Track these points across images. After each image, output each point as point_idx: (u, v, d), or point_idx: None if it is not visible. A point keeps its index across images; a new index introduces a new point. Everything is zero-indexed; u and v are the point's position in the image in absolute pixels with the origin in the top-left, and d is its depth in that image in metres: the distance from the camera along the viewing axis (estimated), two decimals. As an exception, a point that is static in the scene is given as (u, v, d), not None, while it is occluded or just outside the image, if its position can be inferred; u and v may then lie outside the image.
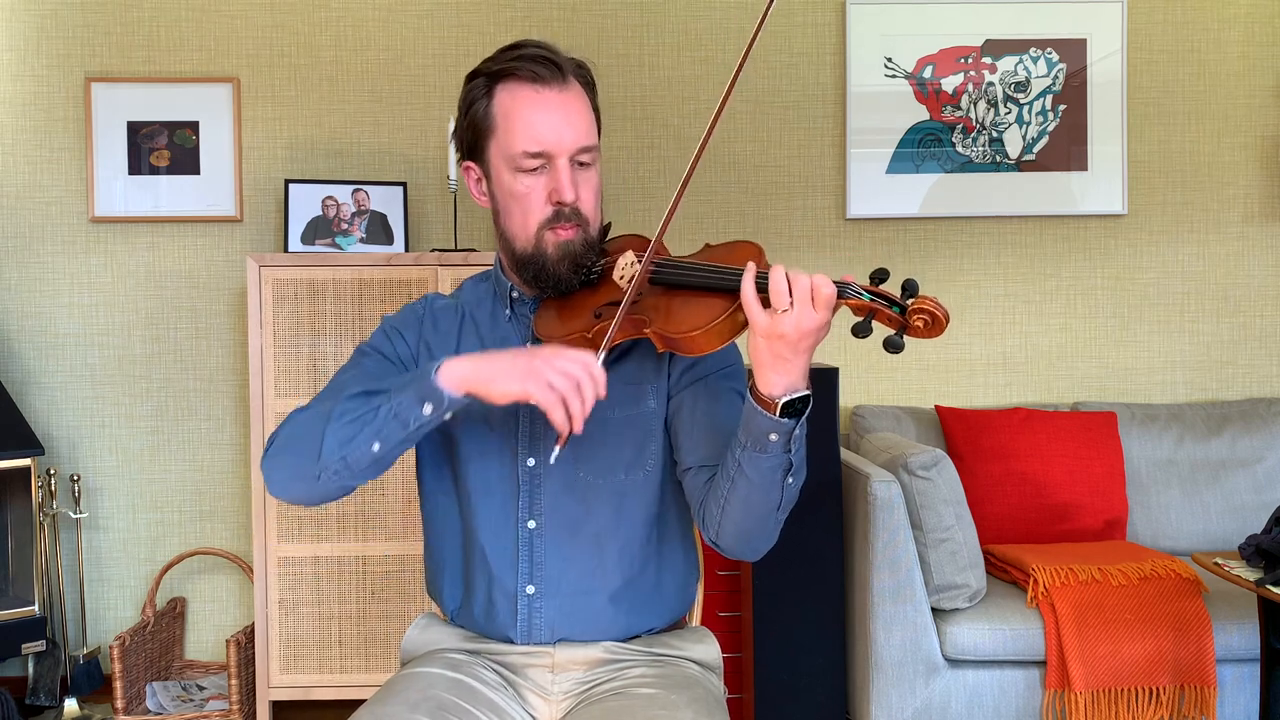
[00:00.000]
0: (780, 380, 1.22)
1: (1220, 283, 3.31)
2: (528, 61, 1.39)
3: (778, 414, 1.23)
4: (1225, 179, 3.30)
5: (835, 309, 1.21)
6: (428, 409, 1.28)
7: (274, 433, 1.40)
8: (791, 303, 1.19)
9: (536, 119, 1.38)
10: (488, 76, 1.42)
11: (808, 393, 1.25)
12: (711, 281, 1.30)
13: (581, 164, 1.41)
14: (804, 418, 1.25)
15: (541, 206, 1.40)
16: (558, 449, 1.27)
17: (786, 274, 1.20)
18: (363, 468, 1.32)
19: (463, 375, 1.28)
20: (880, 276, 1.22)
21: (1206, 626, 2.40)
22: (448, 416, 1.30)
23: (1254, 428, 3.07)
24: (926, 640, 2.47)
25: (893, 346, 1.19)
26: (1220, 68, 3.29)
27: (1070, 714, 2.39)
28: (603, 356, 1.28)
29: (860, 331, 1.21)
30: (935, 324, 1.19)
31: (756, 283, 1.23)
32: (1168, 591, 2.44)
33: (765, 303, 1.21)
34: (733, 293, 1.26)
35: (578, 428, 1.24)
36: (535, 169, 1.39)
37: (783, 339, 1.19)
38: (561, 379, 1.23)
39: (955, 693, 2.48)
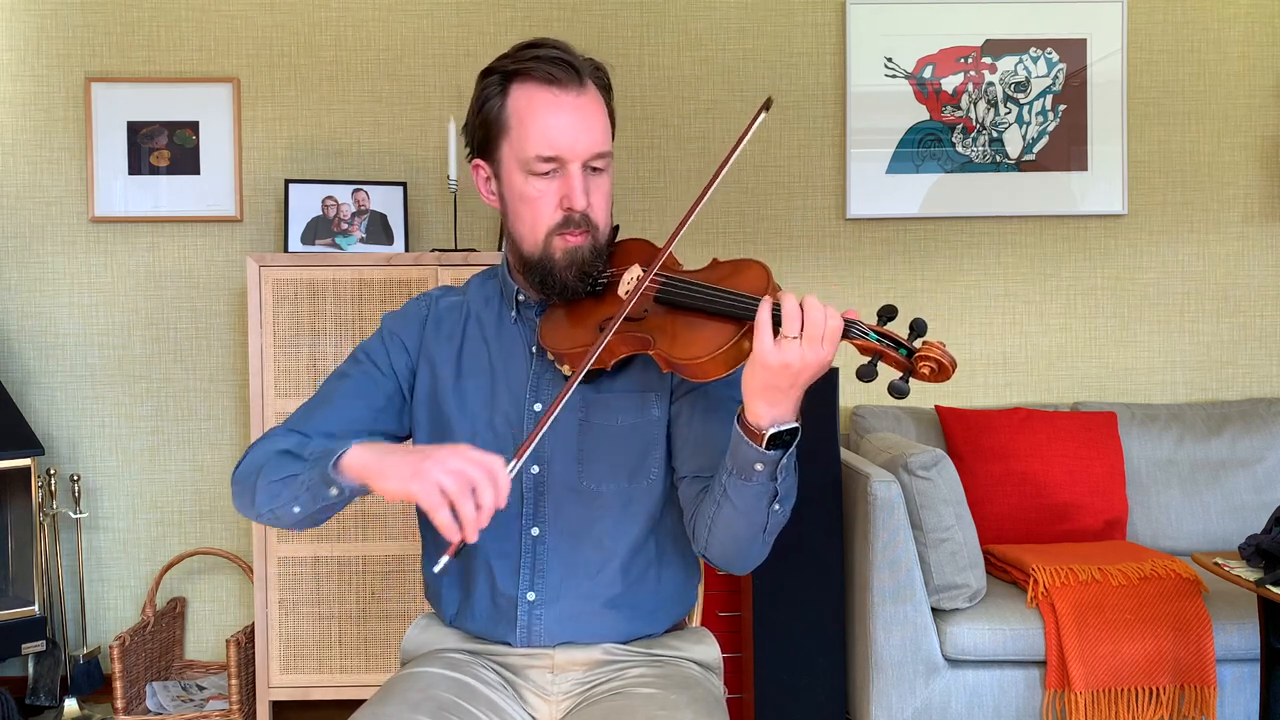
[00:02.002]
0: (769, 412, 1.21)
1: (1220, 283, 3.31)
2: (545, 62, 1.36)
3: (764, 445, 1.22)
4: (1225, 179, 3.30)
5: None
6: (333, 491, 1.28)
7: (246, 450, 1.42)
8: (801, 332, 1.17)
9: (552, 123, 1.35)
10: (503, 74, 1.39)
11: (796, 425, 1.23)
12: (718, 307, 1.28)
13: (595, 170, 1.40)
14: (791, 449, 1.24)
15: (552, 211, 1.38)
16: (444, 559, 1.18)
17: (801, 303, 1.18)
18: (292, 523, 1.34)
19: (360, 467, 1.24)
20: (888, 314, 1.20)
21: (1206, 626, 2.40)
22: (359, 498, 1.30)
23: (1254, 428, 3.07)
24: (926, 640, 2.47)
25: (897, 392, 1.17)
26: (1220, 68, 3.28)
27: (1070, 714, 2.39)
28: (515, 465, 1.19)
29: (865, 375, 1.19)
30: (941, 371, 1.18)
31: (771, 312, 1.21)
32: (1168, 591, 2.44)
33: (774, 330, 1.19)
34: (738, 320, 1.25)
35: (469, 536, 1.15)
36: (547, 173, 1.37)
37: (785, 369, 1.17)
38: (453, 481, 1.15)
39: (955, 693, 2.48)
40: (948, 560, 2.47)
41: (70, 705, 2.95)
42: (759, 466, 1.24)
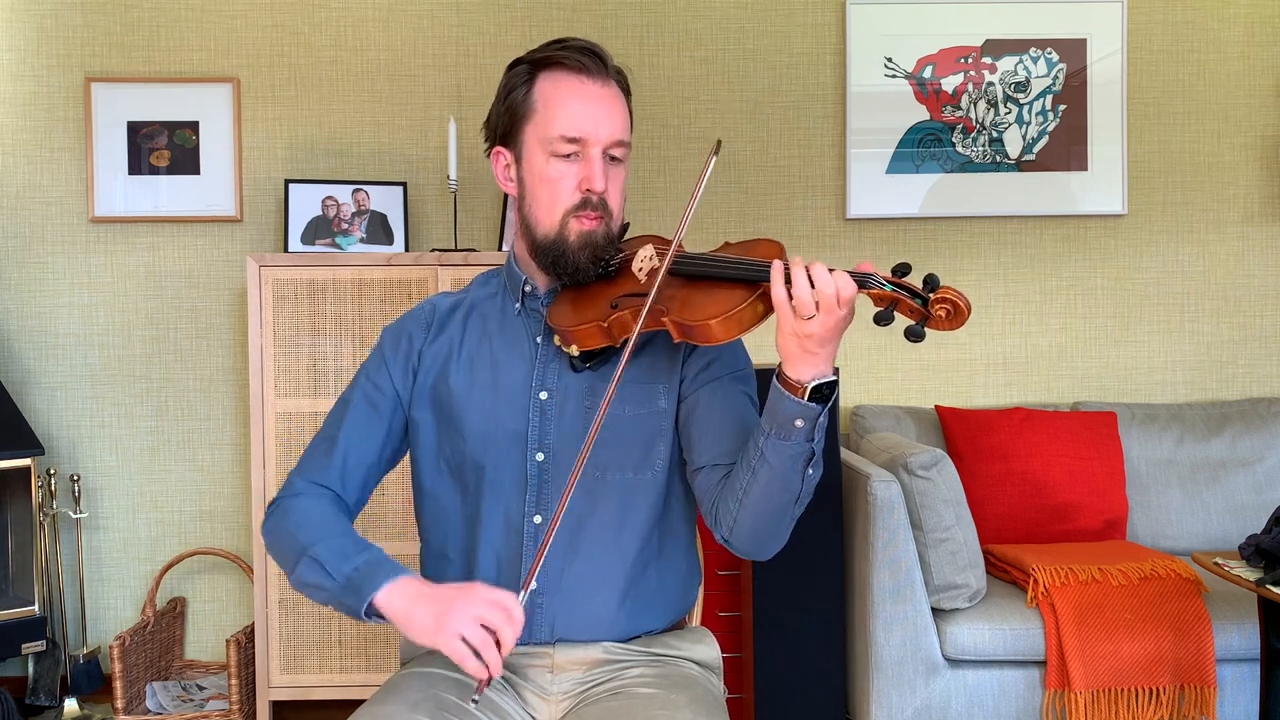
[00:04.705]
0: (809, 369, 1.24)
1: (1220, 283, 3.31)
2: (574, 52, 1.42)
3: (806, 398, 1.24)
4: (1225, 179, 3.30)
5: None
6: (365, 619, 1.35)
7: (273, 503, 1.48)
8: (818, 308, 1.20)
9: (576, 107, 1.40)
10: (531, 64, 1.45)
11: (834, 378, 1.26)
12: (731, 272, 1.30)
13: (613, 158, 1.44)
14: (830, 404, 1.27)
15: (570, 193, 1.42)
16: (476, 698, 1.27)
17: (810, 276, 1.20)
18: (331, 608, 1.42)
19: (390, 613, 1.32)
20: (903, 270, 1.23)
21: (1206, 626, 2.40)
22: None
23: (1254, 428, 3.07)
24: (926, 640, 2.47)
25: (914, 335, 1.20)
26: (1220, 68, 3.29)
27: (1070, 714, 2.39)
28: (523, 597, 1.28)
29: (882, 320, 1.22)
30: (957, 314, 1.19)
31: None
32: (1168, 591, 2.44)
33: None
34: (752, 283, 1.27)
35: (495, 672, 1.25)
36: (569, 155, 1.41)
37: (811, 336, 1.21)
38: (474, 631, 1.25)
39: (955, 693, 2.48)
40: (948, 560, 2.47)
41: (70, 705, 2.95)
42: (799, 423, 1.25)
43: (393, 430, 1.52)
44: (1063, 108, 3.23)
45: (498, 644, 1.25)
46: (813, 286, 1.20)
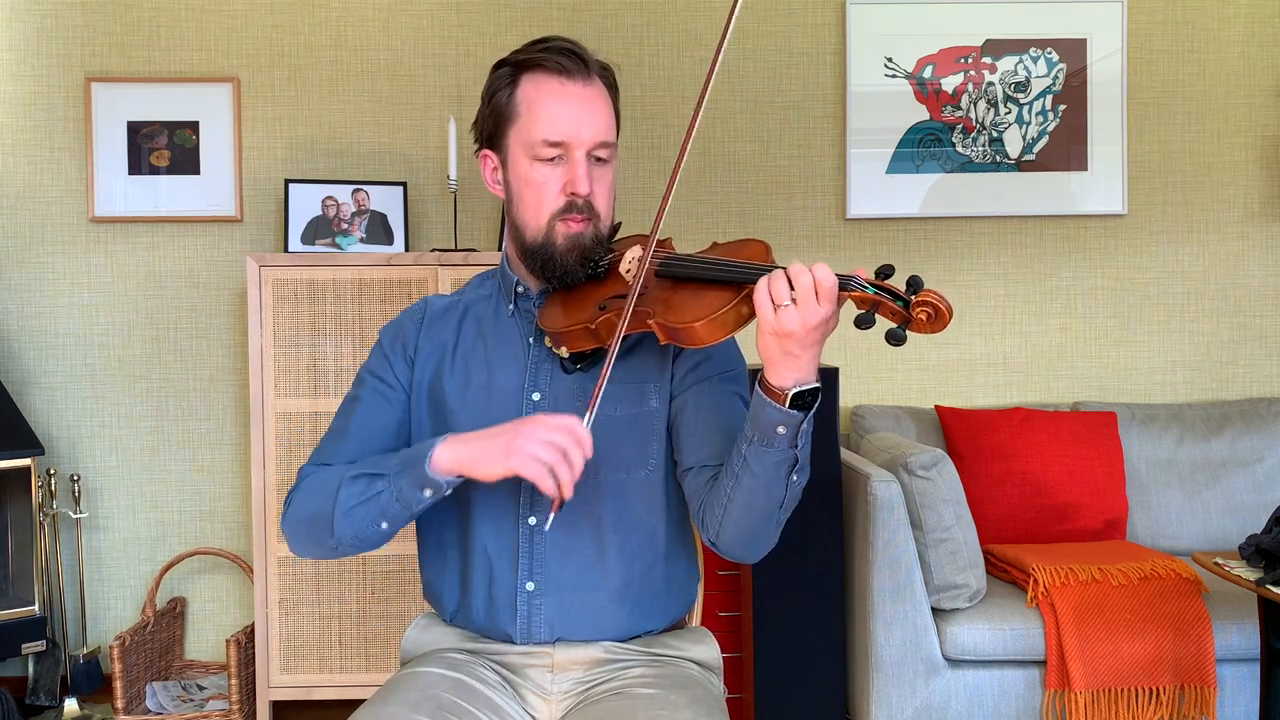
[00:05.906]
0: (790, 374, 1.23)
1: (1220, 283, 3.31)
2: (555, 54, 1.41)
3: (787, 405, 1.23)
4: (1225, 179, 3.30)
5: (840, 302, 1.21)
6: (427, 492, 1.34)
7: (289, 495, 1.46)
8: (794, 298, 1.19)
9: (558, 110, 1.40)
10: (513, 66, 1.44)
11: (817, 385, 1.25)
12: (716, 274, 1.30)
13: (599, 159, 1.43)
14: (812, 412, 1.26)
15: (555, 197, 1.41)
16: (552, 515, 1.30)
17: (787, 271, 1.20)
18: (376, 541, 1.40)
19: (453, 461, 1.32)
20: (885, 272, 1.22)
21: (1206, 626, 2.40)
22: (448, 493, 1.35)
23: (1254, 428, 3.07)
24: (926, 640, 2.47)
25: (894, 339, 1.19)
26: (1220, 68, 3.29)
27: (1070, 714, 2.39)
28: (589, 418, 1.28)
29: (863, 323, 1.21)
30: (938, 317, 1.19)
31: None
32: (1168, 591, 2.44)
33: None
34: (737, 285, 1.27)
35: (567, 493, 1.25)
36: (553, 159, 1.41)
37: (790, 336, 1.20)
38: (546, 450, 1.25)
39: (955, 693, 2.48)
40: (948, 560, 2.47)
41: (70, 705, 2.95)
42: (781, 430, 1.25)
43: (404, 420, 1.51)
44: (1063, 108, 3.23)
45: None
46: (791, 280, 1.19)
